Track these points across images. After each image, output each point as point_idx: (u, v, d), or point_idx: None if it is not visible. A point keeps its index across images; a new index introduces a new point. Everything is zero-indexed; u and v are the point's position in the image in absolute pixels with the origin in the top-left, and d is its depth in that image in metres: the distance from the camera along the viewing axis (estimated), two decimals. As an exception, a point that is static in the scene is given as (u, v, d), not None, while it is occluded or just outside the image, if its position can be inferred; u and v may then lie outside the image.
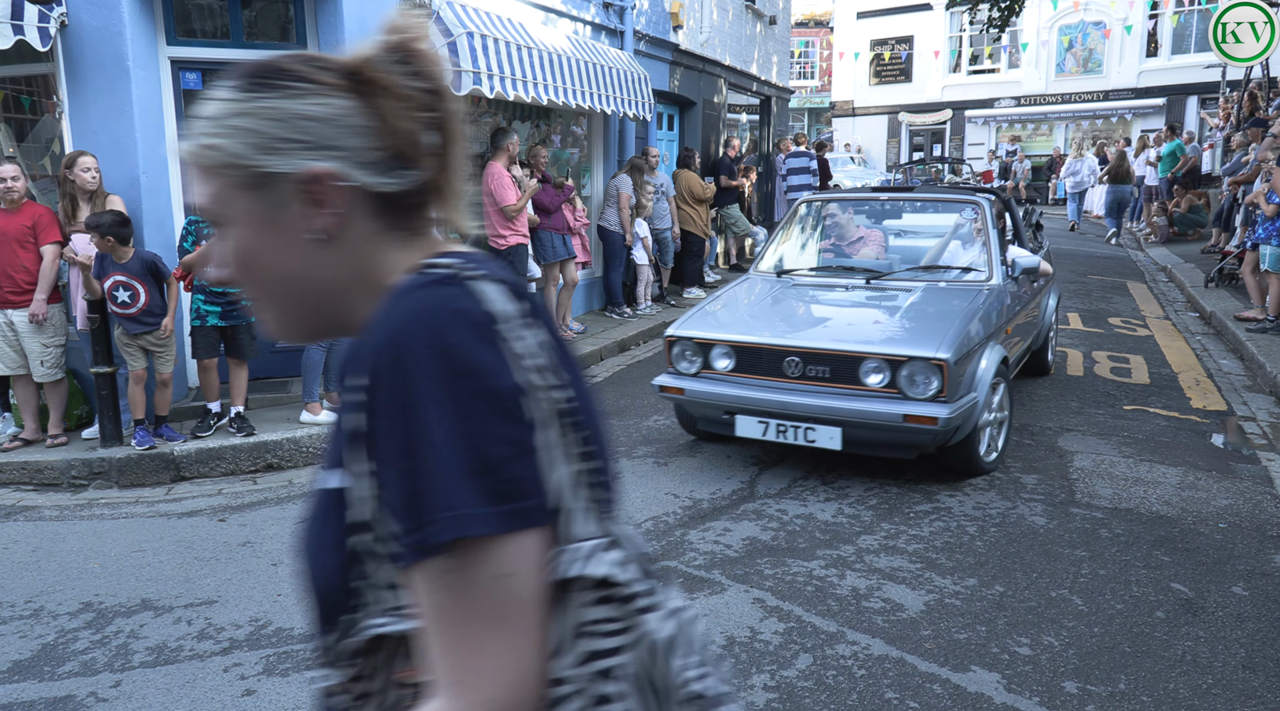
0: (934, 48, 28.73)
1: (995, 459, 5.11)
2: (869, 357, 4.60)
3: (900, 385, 4.54)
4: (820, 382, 4.71)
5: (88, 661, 3.35)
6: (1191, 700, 2.98)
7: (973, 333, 4.78)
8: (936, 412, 4.45)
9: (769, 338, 4.90)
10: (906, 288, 5.43)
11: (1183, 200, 15.46)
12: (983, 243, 5.67)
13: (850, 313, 5.42)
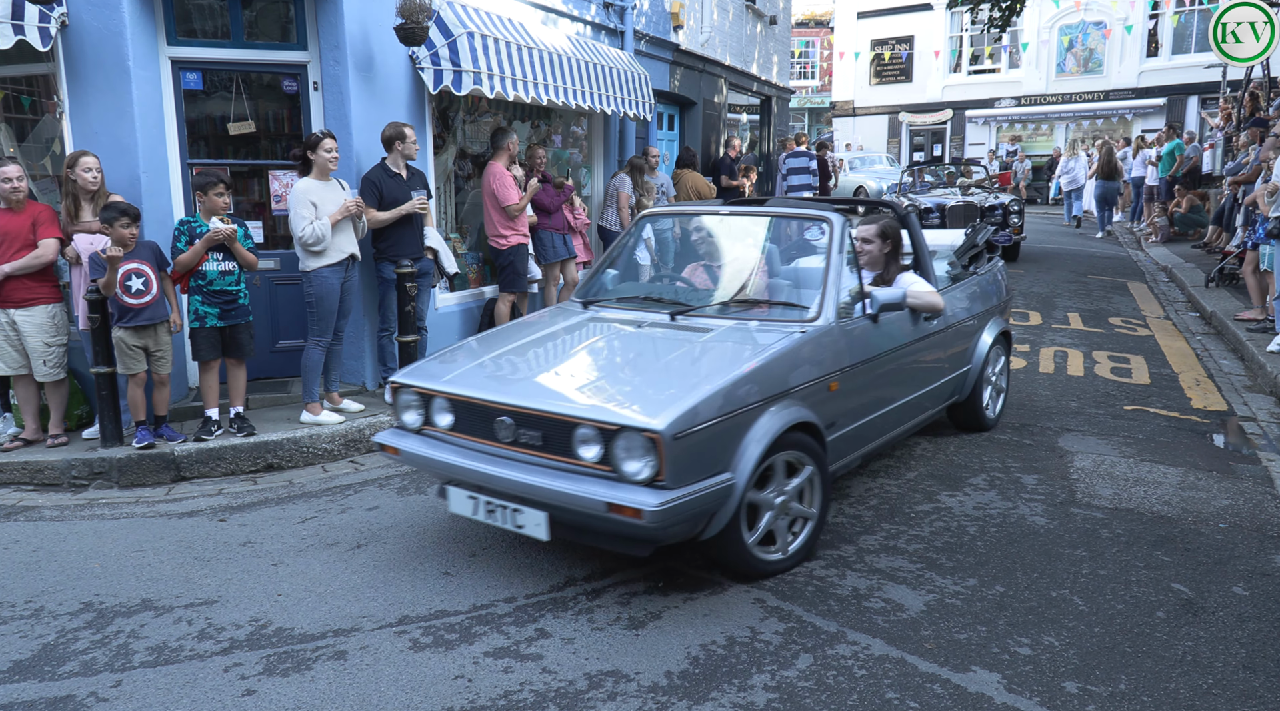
0: (934, 48, 28.73)
1: (782, 558, 3.91)
2: (581, 424, 3.49)
3: (615, 461, 3.43)
4: (533, 451, 3.64)
5: (88, 661, 3.35)
6: (1192, 700, 2.98)
7: (741, 394, 3.62)
8: (643, 502, 3.27)
9: (480, 391, 3.84)
10: (709, 327, 4.24)
11: (1183, 200, 15.45)
12: (820, 272, 4.49)
13: (605, 359, 4.14)
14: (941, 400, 5.38)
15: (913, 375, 4.89)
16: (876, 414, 4.54)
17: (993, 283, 6.02)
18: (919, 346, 4.88)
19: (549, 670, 3.20)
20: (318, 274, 5.86)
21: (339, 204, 5.93)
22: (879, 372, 4.51)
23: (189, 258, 5.43)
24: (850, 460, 4.47)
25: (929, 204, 13.50)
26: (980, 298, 5.69)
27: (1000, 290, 6.09)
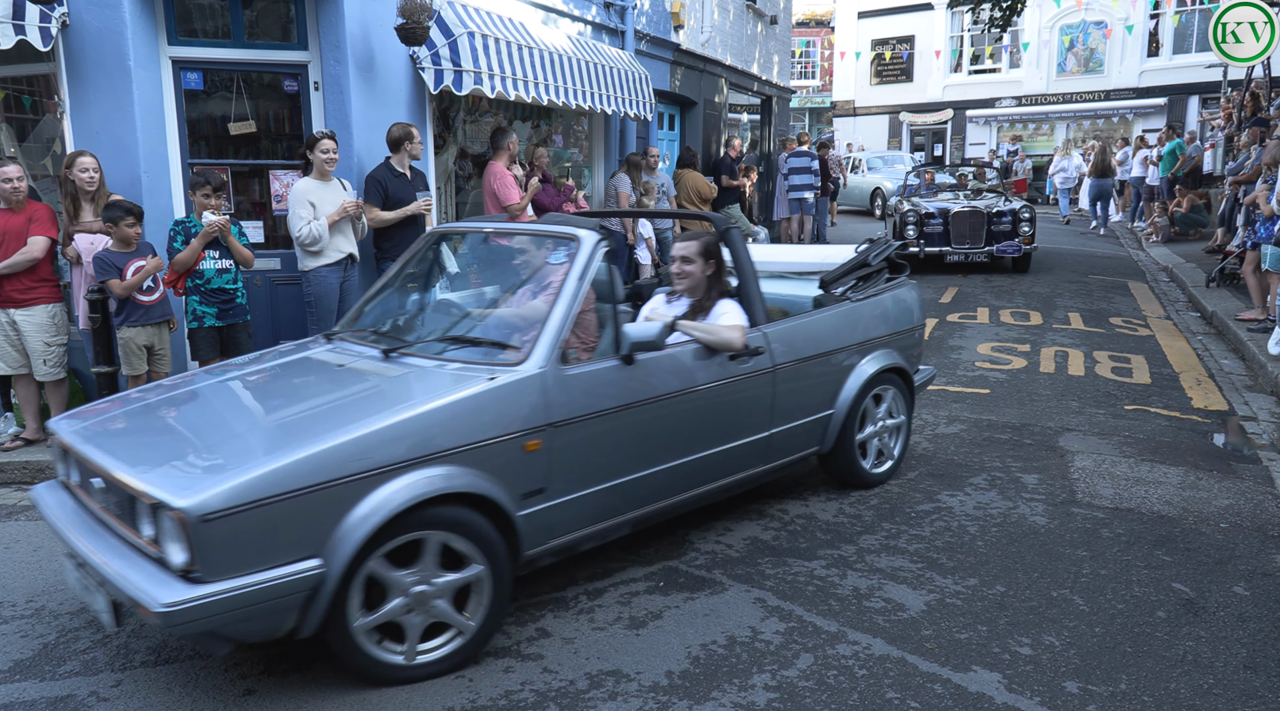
0: (935, 47, 28.72)
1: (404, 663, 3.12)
2: (138, 493, 2.83)
3: (161, 542, 2.78)
4: (119, 521, 3.04)
5: (89, 661, 3.35)
6: (1192, 700, 2.98)
7: (340, 460, 2.88)
8: (152, 597, 2.66)
9: (84, 444, 3.23)
10: (411, 368, 3.56)
11: (1184, 200, 15.45)
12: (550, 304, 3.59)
13: (245, 409, 3.54)
14: (784, 453, 4.41)
15: (713, 426, 3.97)
16: (636, 476, 3.68)
17: (883, 309, 4.93)
18: (725, 390, 3.99)
19: (549, 670, 3.20)
20: (316, 274, 5.86)
21: (337, 204, 5.93)
22: (636, 426, 3.65)
23: (187, 256, 5.43)
24: (586, 535, 3.61)
25: (931, 209, 12.71)
26: (859, 327, 4.73)
27: (897, 318, 5.00)
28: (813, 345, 4.46)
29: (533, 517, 3.35)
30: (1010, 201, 12.99)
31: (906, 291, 5.17)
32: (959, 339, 8.60)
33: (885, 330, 4.88)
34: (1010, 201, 12.99)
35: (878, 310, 4.90)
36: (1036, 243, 12.70)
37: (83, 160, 5.56)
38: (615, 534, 3.78)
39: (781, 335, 4.30)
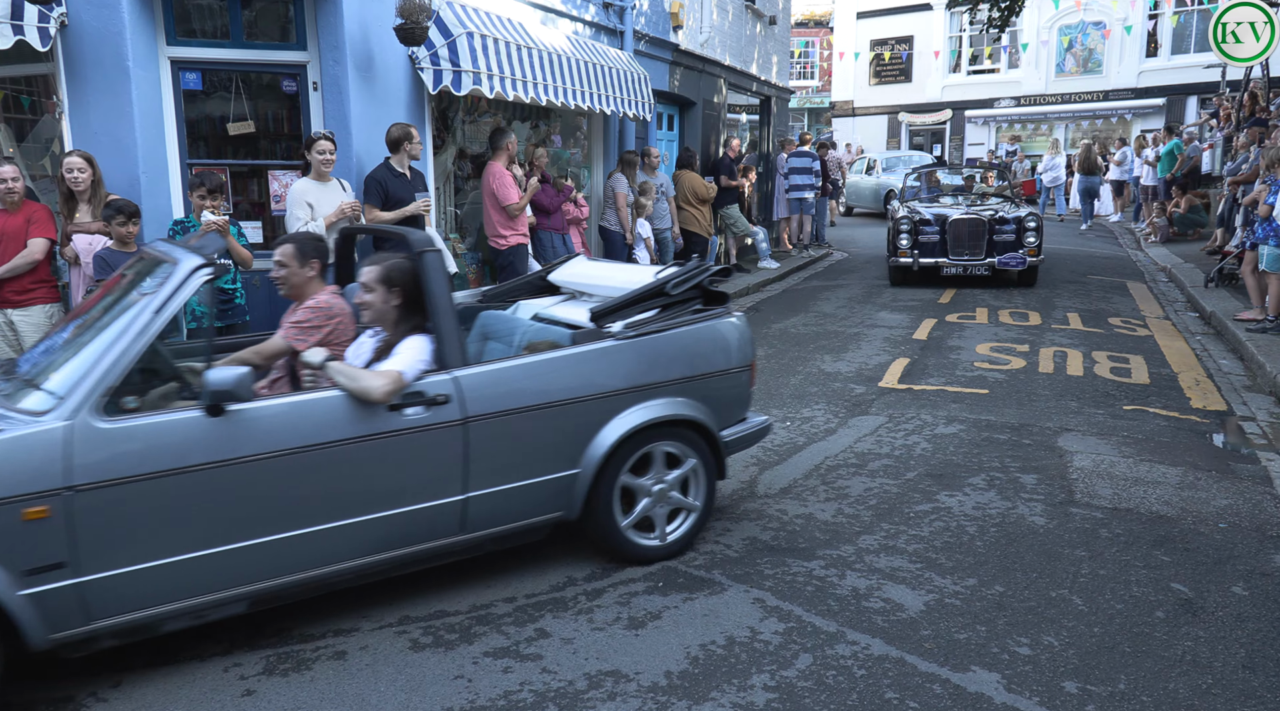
0: (934, 48, 28.73)
1: None
2: None
3: None
4: None
5: (88, 661, 3.34)
6: (1191, 700, 2.98)
7: None
8: None
9: None
10: None
11: (1182, 200, 15.46)
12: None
13: None
14: (497, 520, 3.72)
15: (358, 489, 3.36)
16: (235, 546, 3.15)
17: (677, 347, 4.06)
18: (380, 447, 3.37)
19: (549, 670, 3.20)
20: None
21: (335, 204, 5.93)
22: (227, 489, 3.11)
23: None
24: (162, 614, 3.11)
25: (927, 215, 11.59)
26: (626, 369, 3.90)
27: (702, 358, 4.12)
28: (531, 393, 3.69)
29: (48, 596, 2.85)
30: (1016, 208, 11.83)
31: (723, 326, 4.24)
32: (958, 339, 8.60)
33: (678, 372, 4.03)
34: (1016, 208, 11.83)
35: (666, 348, 4.03)
36: (1043, 253, 11.55)
37: (69, 160, 5.53)
38: (222, 612, 3.24)
39: (480, 381, 3.58)
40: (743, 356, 4.32)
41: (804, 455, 5.46)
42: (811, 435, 5.81)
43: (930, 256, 11.46)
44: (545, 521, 3.88)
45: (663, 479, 4.04)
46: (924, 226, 11.53)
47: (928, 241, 11.49)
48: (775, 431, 5.88)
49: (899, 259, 11.53)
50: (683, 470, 4.07)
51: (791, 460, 5.38)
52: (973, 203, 12.35)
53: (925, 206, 12.09)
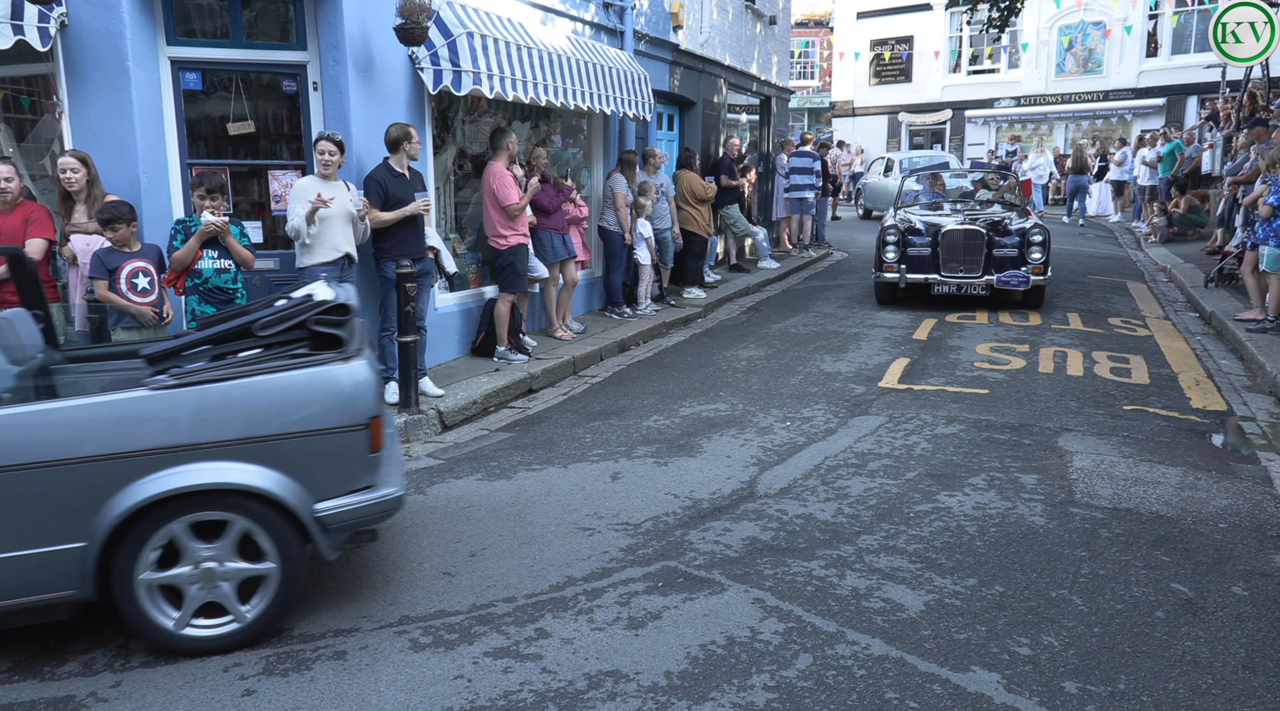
0: (934, 48, 28.73)
1: None
2: None
3: None
4: None
5: (87, 661, 3.34)
6: (1191, 700, 2.98)
7: None
8: None
9: None
10: None
11: (1182, 200, 15.46)
12: None
13: None
14: None
15: None
16: None
17: (240, 401, 3.38)
18: None
19: (548, 670, 3.20)
20: (310, 272, 5.87)
21: (339, 203, 5.93)
22: None
23: (184, 253, 5.44)
24: None
25: (918, 224, 10.17)
26: (160, 425, 3.28)
27: (279, 415, 3.40)
28: (11, 447, 3.14)
29: None
30: (1024, 217, 10.48)
31: (324, 376, 3.46)
32: (957, 339, 8.60)
33: (234, 432, 3.35)
34: (1024, 217, 10.48)
35: (220, 401, 3.35)
36: (1051, 273, 10.06)
37: (63, 161, 5.53)
38: None
39: None
40: (353, 412, 3.45)
41: (804, 455, 5.46)
42: (811, 435, 5.82)
43: (920, 272, 9.91)
44: (53, 600, 3.30)
45: (211, 557, 3.36)
46: (913, 237, 10.02)
47: (918, 255, 9.93)
48: (775, 431, 5.89)
49: (884, 274, 10.00)
50: (231, 538, 3.37)
51: (791, 460, 5.38)
52: (972, 211, 10.82)
53: (921, 213, 10.76)
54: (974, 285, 9.79)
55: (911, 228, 10.17)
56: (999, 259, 9.78)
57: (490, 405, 6.79)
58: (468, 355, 7.86)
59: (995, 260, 9.79)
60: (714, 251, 12.67)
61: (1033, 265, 9.62)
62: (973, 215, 10.45)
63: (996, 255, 9.79)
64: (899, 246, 10.03)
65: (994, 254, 9.79)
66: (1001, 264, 9.77)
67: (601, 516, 4.59)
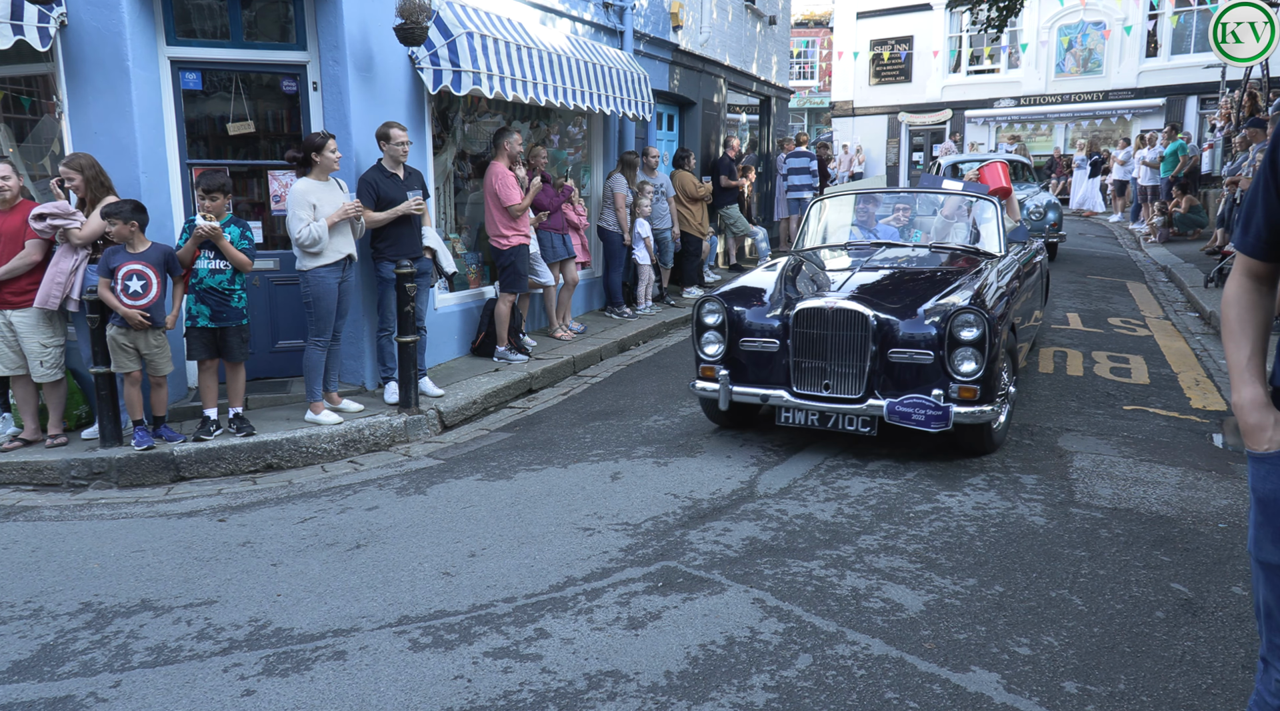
0: (934, 48, 28.73)
1: None
2: None
3: None
4: None
5: (87, 661, 3.35)
6: (1191, 700, 2.98)
7: None
8: None
9: None
10: None
11: (1182, 200, 15.47)
12: None
13: None
14: None
15: None
16: None
17: None
18: None
19: (548, 670, 3.20)
20: (314, 274, 5.87)
21: (337, 205, 5.93)
22: None
23: (183, 254, 5.51)
24: None
25: (772, 290, 5.82)
26: None
27: None
28: None
29: None
30: (973, 277, 5.74)
31: None
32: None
33: None
34: (973, 277, 5.74)
35: None
36: (1010, 388, 5.67)
37: (61, 170, 5.55)
38: None
39: None
40: None
41: (804, 455, 5.46)
42: (811, 435, 5.81)
43: (758, 384, 5.52)
44: None
45: None
46: (750, 317, 5.60)
47: (758, 351, 5.53)
48: (774, 430, 5.88)
49: (703, 383, 5.66)
50: None
51: (791, 460, 5.38)
52: (890, 267, 6.11)
53: (812, 268, 6.23)
54: (848, 416, 5.26)
55: (749, 299, 5.73)
56: (897, 368, 5.24)
57: (490, 405, 6.79)
58: (468, 355, 7.86)
59: (891, 371, 5.26)
60: (714, 251, 12.66)
61: (961, 383, 5.07)
62: (882, 278, 5.88)
63: (894, 360, 5.24)
64: (724, 337, 5.59)
65: (890, 358, 5.24)
66: (903, 378, 5.24)
67: (601, 516, 4.60)
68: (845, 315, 5.25)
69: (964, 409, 5.05)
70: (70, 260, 5.55)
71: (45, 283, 5.55)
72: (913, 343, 5.21)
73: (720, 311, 5.62)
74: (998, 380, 5.23)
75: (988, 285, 5.55)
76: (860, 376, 5.24)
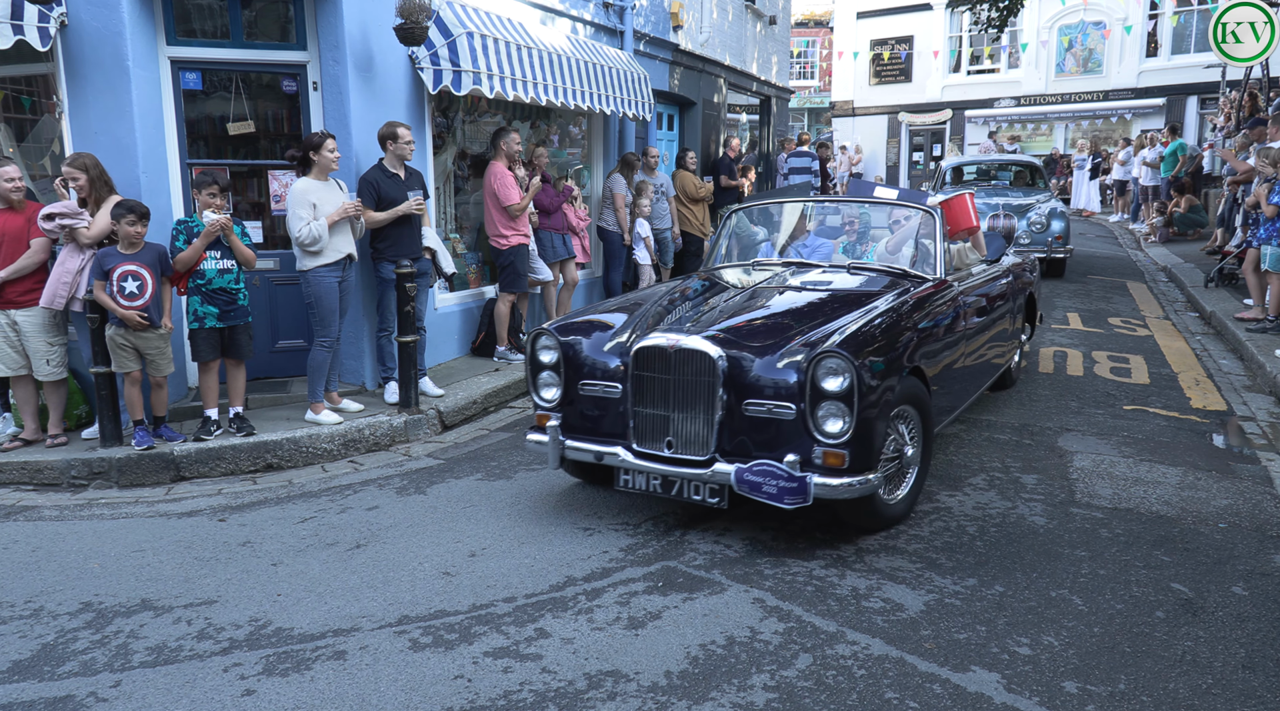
0: (934, 48, 28.74)
1: None
2: None
3: None
4: None
5: (87, 661, 3.35)
6: (1191, 700, 2.98)
7: None
8: None
9: None
10: None
11: (1182, 200, 15.47)
12: None
13: None
14: None
15: None
16: None
17: None
18: None
19: (548, 670, 3.20)
20: (315, 274, 5.87)
21: (337, 204, 5.93)
22: None
23: (189, 255, 5.45)
24: None
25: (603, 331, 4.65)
26: None
27: None
28: None
29: None
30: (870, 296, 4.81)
31: None
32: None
33: None
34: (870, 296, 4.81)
35: None
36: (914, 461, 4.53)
37: (65, 170, 5.53)
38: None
39: None
40: None
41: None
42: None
43: (598, 437, 4.48)
44: None
45: None
46: (587, 361, 4.55)
47: (599, 396, 4.50)
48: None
49: (535, 435, 4.66)
50: None
51: (791, 460, 5.37)
52: (791, 298, 4.94)
53: (686, 296, 5.09)
54: (694, 483, 4.20)
55: (594, 331, 4.66)
56: (755, 424, 4.13)
57: (490, 405, 6.79)
58: (468, 355, 7.86)
59: (748, 427, 4.14)
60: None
61: (826, 447, 3.97)
62: (770, 308, 4.81)
63: (750, 413, 4.12)
64: (559, 373, 4.58)
65: (745, 411, 4.13)
66: (762, 437, 4.12)
67: (601, 516, 4.60)
68: (688, 356, 4.14)
69: (829, 480, 3.87)
70: (77, 260, 5.55)
71: (51, 282, 5.55)
72: (771, 392, 4.04)
73: (555, 347, 4.54)
74: (877, 442, 4.03)
75: (875, 320, 4.29)
76: (709, 433, 4.12)
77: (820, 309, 4.66)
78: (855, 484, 3.93)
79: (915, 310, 4.65)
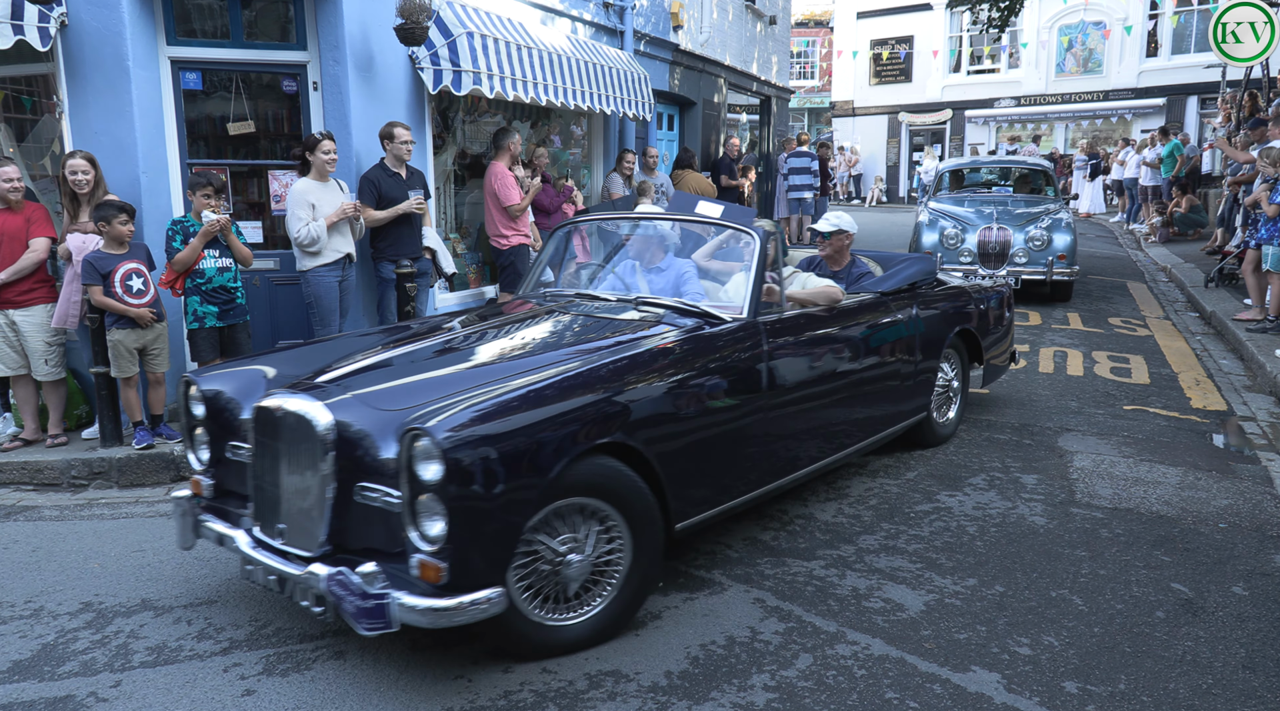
0: (934, 48, 28.75)
1: None
2: None
3: None
4: None
5: (88, 661, 3.35)
6: (1191, 700, 2.98)
7: None
8: None
9: None
10: None
11: (1183, 200, 15.47)
12: None
13: None
14: None
15: None
16: None
17: None
18: None
19: (549, 670, 3.20)
20: (314, 274, 5.87)
21: (336, 205, 5.93)
22: None
23: (187, 255, 5.44)
24: None
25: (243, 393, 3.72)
26: None
27: None
28: None
29: None
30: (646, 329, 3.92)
31: None
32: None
33: None
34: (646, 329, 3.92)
35: None
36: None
37: (72, 162, 5.53)
38: None
39: None
40: None
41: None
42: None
43: (229, 516, 3.59)
44: None
45: None
46: (233, 418, 3.70)
47: (241, 462, 3.61)
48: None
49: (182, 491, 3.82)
50: None
51: (791, 460, 5.37)
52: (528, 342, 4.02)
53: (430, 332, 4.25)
54: (300, 585, 3.13)
55: (254, 382, 3.81)
56: (368, 514, 3.14)
57: (490, 405, 6.78)
58: (468, 355, 7.85)
59: (360, 517, 3.16)
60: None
61: (423, 554, 2.90)
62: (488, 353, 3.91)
63: (362, 499, 3.13)
64: (209, 429, 3.77)
65: (358, 496, 3.14)
66: (376, 533, 3.14)
67: (602, 516, 4.59)
68: (294, 420, 3.26)
69: (419, 601, 2.86)
70: (70, 273, 5.59)
71: (62, 302, 5.60)
72: (380, 473, 3.09)
73: (201, 399, 3.73)
74: (491, 552, 2.95)
75: (549, 380, 3.24)
76: (317, 521, 3.18)
77: (519, 361, 3.64)
78: (446, 608, 2.83)
79: (651, 364, 3.55)
